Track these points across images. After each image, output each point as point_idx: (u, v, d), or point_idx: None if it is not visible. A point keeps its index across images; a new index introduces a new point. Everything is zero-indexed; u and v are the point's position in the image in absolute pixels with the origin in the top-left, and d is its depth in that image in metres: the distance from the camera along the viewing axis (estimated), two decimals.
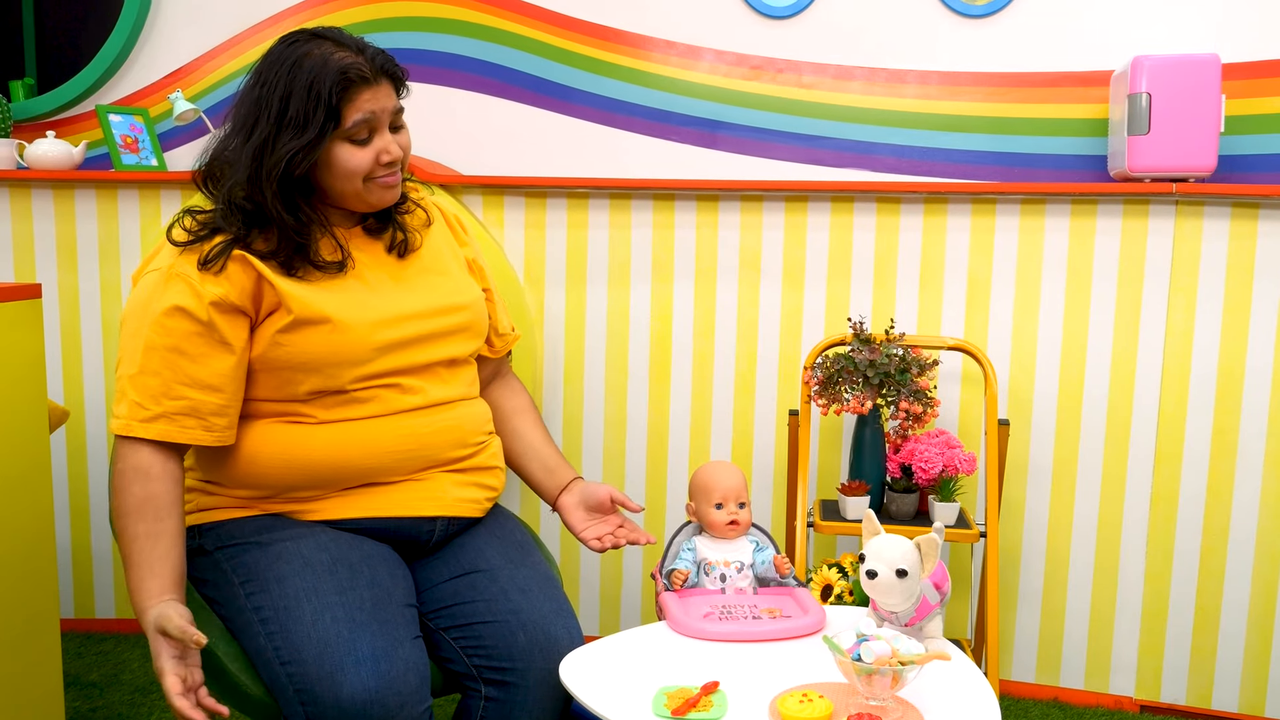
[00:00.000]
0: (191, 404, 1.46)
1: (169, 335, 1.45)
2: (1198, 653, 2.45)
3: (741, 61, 2.59)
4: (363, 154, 1.50)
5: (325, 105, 1.44)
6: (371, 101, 1.49)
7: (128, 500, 1.45)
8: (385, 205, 1.58)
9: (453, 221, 1.78)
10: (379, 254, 1.62)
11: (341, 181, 1.51)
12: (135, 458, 1.46)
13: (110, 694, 2.47)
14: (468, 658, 1.54)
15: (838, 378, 2.26)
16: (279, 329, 1.48)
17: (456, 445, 1.63)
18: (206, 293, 1.45)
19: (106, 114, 2.67)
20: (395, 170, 1.55)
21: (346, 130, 1.47)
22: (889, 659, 1.30)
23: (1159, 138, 2.23)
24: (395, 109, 1.54)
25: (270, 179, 1.46)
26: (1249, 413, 2.36)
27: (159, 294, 1.46)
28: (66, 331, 2.75)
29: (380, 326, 1.54)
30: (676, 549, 1.77)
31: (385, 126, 1.52)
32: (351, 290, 1.55)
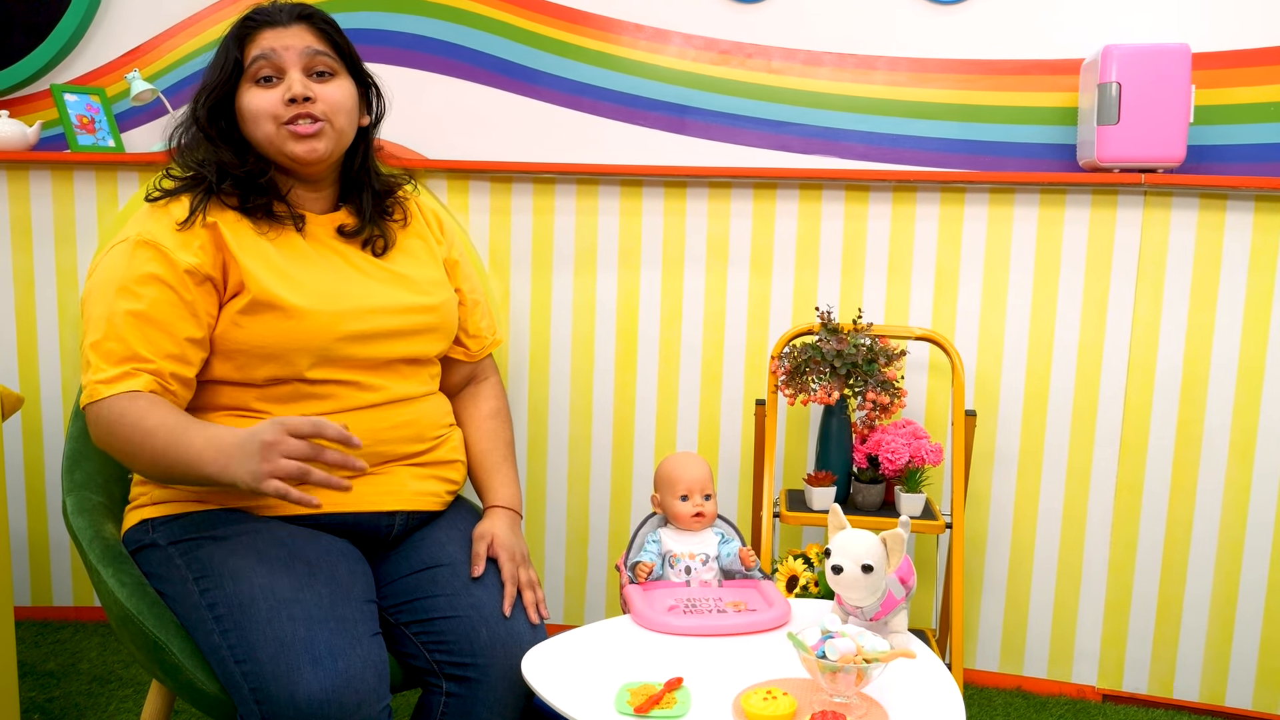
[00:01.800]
0: (155, 367, 1.44)
1: (137, 301, 1.44)
2: (1160, 642, 2.47)
3: (710, 46, 2.56)
4: (267, 94, 1.51)
5: (229, 47, 1.52)
6: (273, 39, 1.52)
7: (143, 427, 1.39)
8: (302, 159, 1.53)
9: (430, 220, 1.76)
10: (351, 249, 1.61)
11: (254, 126, 1.52)
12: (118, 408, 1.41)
13: (67, 683, 2.43)
14: (429, 653, 1.52)
15: (805, 368, 2.25)
16: (239, 309, 1.47)
17: (413, 440, 1.61)
18: (180, 261, 1.45)
19: (62, 93, 2.61)
20: (307, 116, 1.52)
21: (249, 70, 1.51)
22: (854, 656, 1.29)
23: (1128, 128, 2.23)
24: (306, 49, 1.53)
25: (203, 123, 1.53)
26: (1214, 404, 2.37)
27: (127, 262, 1.46)
28: (21, 316, 2.70)
29: (343, 317, 1.52)
30: (641, 541, 1.75)
31: (296, 66, 1.52)
32: (317, 279, 1.53)
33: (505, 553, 1.60)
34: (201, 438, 1.38)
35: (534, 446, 2.68)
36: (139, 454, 1.41)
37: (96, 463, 1.68)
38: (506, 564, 1.59)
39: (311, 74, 1.53)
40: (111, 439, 1.43)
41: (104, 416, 1.42)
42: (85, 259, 2.66)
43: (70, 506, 1.60)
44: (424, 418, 1.63)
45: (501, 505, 1.70)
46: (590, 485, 2.68)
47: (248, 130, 1.53)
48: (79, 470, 1.65)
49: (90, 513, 1.60)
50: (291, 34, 1.53)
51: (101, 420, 1.43)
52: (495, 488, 1.73)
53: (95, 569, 1.50)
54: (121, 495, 1.69)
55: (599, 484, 2.68)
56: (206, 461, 1.36)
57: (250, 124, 1.53)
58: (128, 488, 1.66)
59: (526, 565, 1.62)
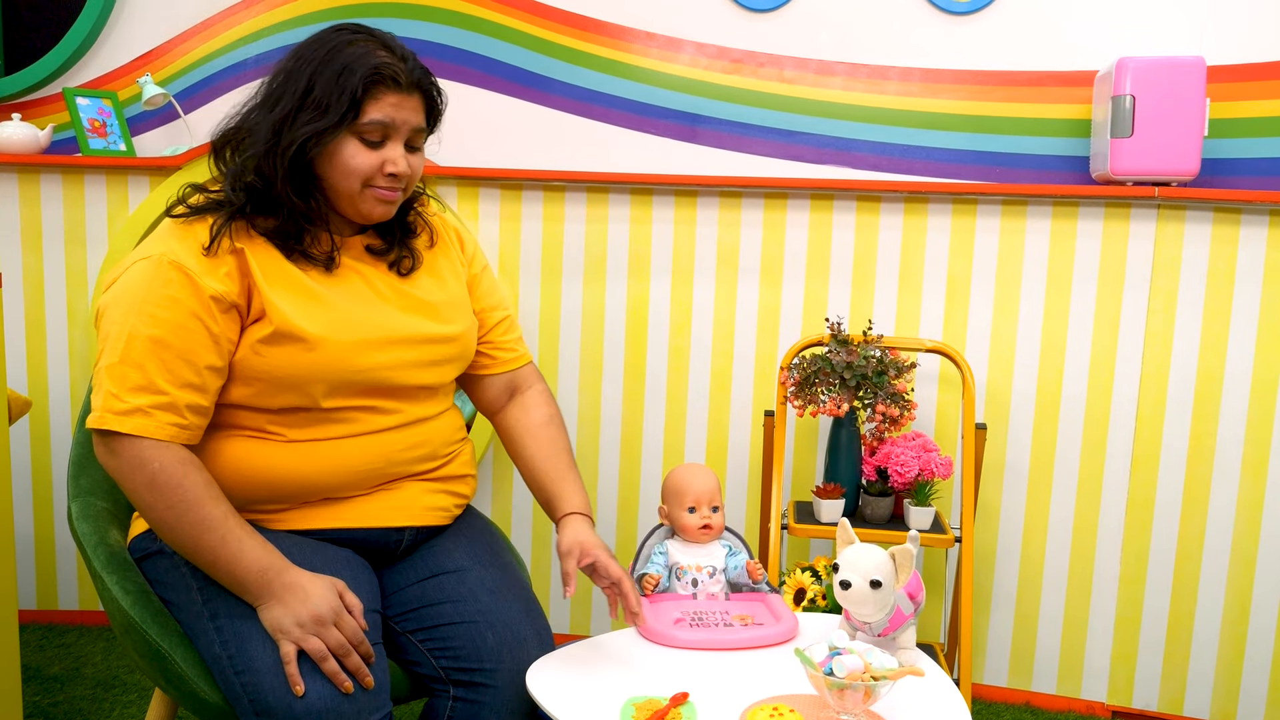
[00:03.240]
0: (170, 399, 1.38)
1: (157, 326, 1.38)
2: (1171, 658, 2.45)
3: (722, 54, 2.55)
4: (369, 156, 1.45)
5: (350, 94, 1.41)
6: (395, 108, 1.45)
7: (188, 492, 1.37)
8: (375, 219, 1.52)
9: (452, 238, 1.71)
10: (378, 270, 1.57)
11: (341, 178, 1.46)
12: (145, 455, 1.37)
13: (71, 688, 2.43)
14: (435, 660, 1.51)
15: (814, 379, 2.24)
16: (260, 338, 1.43)
17: (426, 459, 1.60)
18: (206, 287, 1.39)
19: (74, 97, 2.61)
20: (397, 187, 1.49)
21: (361, 126, 1.43)
22: (861, 674, 1.28)
23: (1142, 140, 2.21)
24: (417, 126, 1.49)
25: (284, 156, 1.42)
26: (1226, 419, 2.35)
27: (149, 283, 1.39)
28: (31, 319, 2.70)
29: (362, 349, 1.49)
30: (648, 553, 1.74)
31: (401, 139, 1.47)
32: (340, 308, 1.49)
33: (604, 553, 1.52)
34: (253, 560, 1.38)
35: None
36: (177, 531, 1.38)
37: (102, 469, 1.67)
38: (611, 565, 1.51)
39: (408, 146, 1.50)
40: (146, 493, 1.38)
41: (121, 453, 1.38)
42: (95, 263, 2.67)
43: (75, 512, 1.59)
44: (437, 436, 1.61)
45: (576, 512, 1.61)
46: (598, 495, 2.67)
47: (329, 174, 1.46)
48: (84, 476, 1.65)
49: (95, 519, 1.59)
50: (410, 106, 1.46)
51: (117, 455, 1.38)
52: (566, 495, 1.63)
53: (99, 576, 1.49)
54: (126, 501, 1.68)
55: (606, 494, 2.67)
56: (251, 585, 1.38)
57: (337, 174, 1.45)
58: None
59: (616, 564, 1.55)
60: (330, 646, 1.35)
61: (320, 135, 1.42)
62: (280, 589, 1.37)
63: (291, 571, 1.39)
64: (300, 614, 1.35)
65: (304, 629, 1.34)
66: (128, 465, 1.38)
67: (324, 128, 1.41)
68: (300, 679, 1.32)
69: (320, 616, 1.35)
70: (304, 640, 1.34)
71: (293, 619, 1.35)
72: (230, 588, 1.40)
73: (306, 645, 1.33)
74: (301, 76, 1.43)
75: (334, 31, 1.47)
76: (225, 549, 1.37)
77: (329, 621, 1.35)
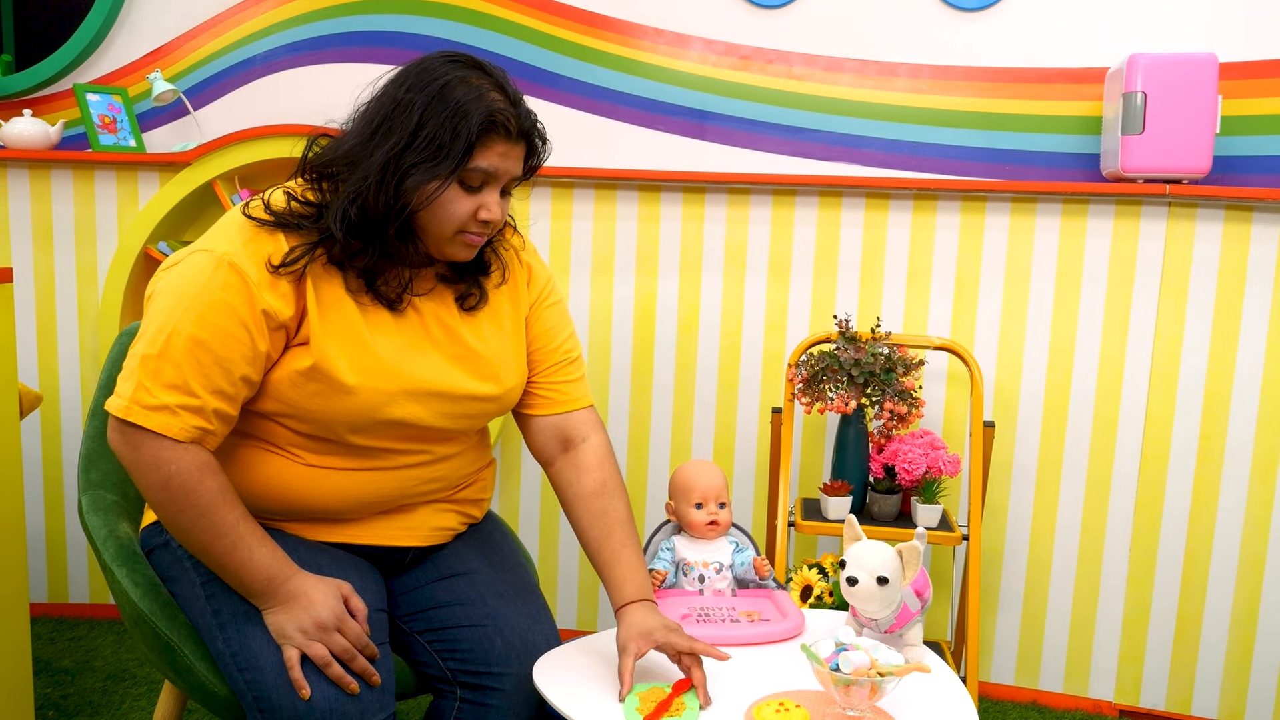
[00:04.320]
0: (200, 404, 1.33)
1: (203, 328, 1.32)
2: (1178, 658, 2.44)
3: (731, 51, 2.55)
4: (467, 202, 1.37)
5: (464, 141, 1.33)
6: (503, 158, 1.38)
7: (202, 497, 1.34)
8: (458, 260, 1.45)
9: (520, 278, 1.61)
10: (444, 300, 1.50)
11: (437, 223, 1.38)
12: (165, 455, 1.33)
13: (81, 680, 2.44)
14: (443, 662, 1.51)
15: (822, 376, 2.24)
16: (298, 369, 1.38)
17: (443, 489, 1.58)
18: (260, 299, 1.33)
19: (84, 93, 2.62)
20: (484, 233, 1.42)
21: (466, 172, 1.35)
22: (867, 670, 1.27)
23: (1153, 138, 2.20)
24: (515, 176, 1.42)
25: (396, 199, 1.34)
26: (1236, 418, 2.34)
27: (206, 281, 1.33)
28: (42, 314, 2.71)
29: (396, 399, 1.43)
30: (655, 549, 1.74)
31: (499, 185, 1.41)
32: (381, 356, 1.42)
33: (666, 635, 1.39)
34: (261, 567, 1.36)
35: None
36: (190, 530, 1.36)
37: (113, 462, 1.68)
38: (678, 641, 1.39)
39: (501, 192, 1.43)
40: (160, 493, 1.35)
41: (140, 448, 1.34)
42: (105, 258, 2.67)
43: (86, 506, 1.60)
44: (457, 471, 1.59)
45: (633, 601, 1.47)
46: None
47: (423, 216, 1.37)
48: (95, 469, 1.65)
49: (105, 512, 1.59)
50: (515, 155, 1.39)
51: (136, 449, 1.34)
52: (619, 582, 1.49)
53: (109, 569, 1.50)
54: (137, 495, 1.68)
55: None
56: (258, 591, 1.37)
57: (434, 217, 1.37)
58: None
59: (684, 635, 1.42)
60: (335, 651, 1.34)
61: (441, 182, 1.34)
62: (285, 596, 1.36)
63: (297, 578, 1.38)
64: (303, 620, 1.34)
65: (307, 635, 1.34)
66: (145, 461, 1.34)
67: (437, 174, 1.33)
68: (305, 683, 1.32)
69: (323, 622, 1.35)
70: (307, 646, 1.34)
71: (295, 625, 1.35)
72: (236, 590, 1.39)
73: (310, 651, 1.33)
74: (413, 111, 1.33)
75: (447, 62, 1.38)
76: (234, 555, 1.36)
77: (332, 627, 1.35)
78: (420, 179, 1.33)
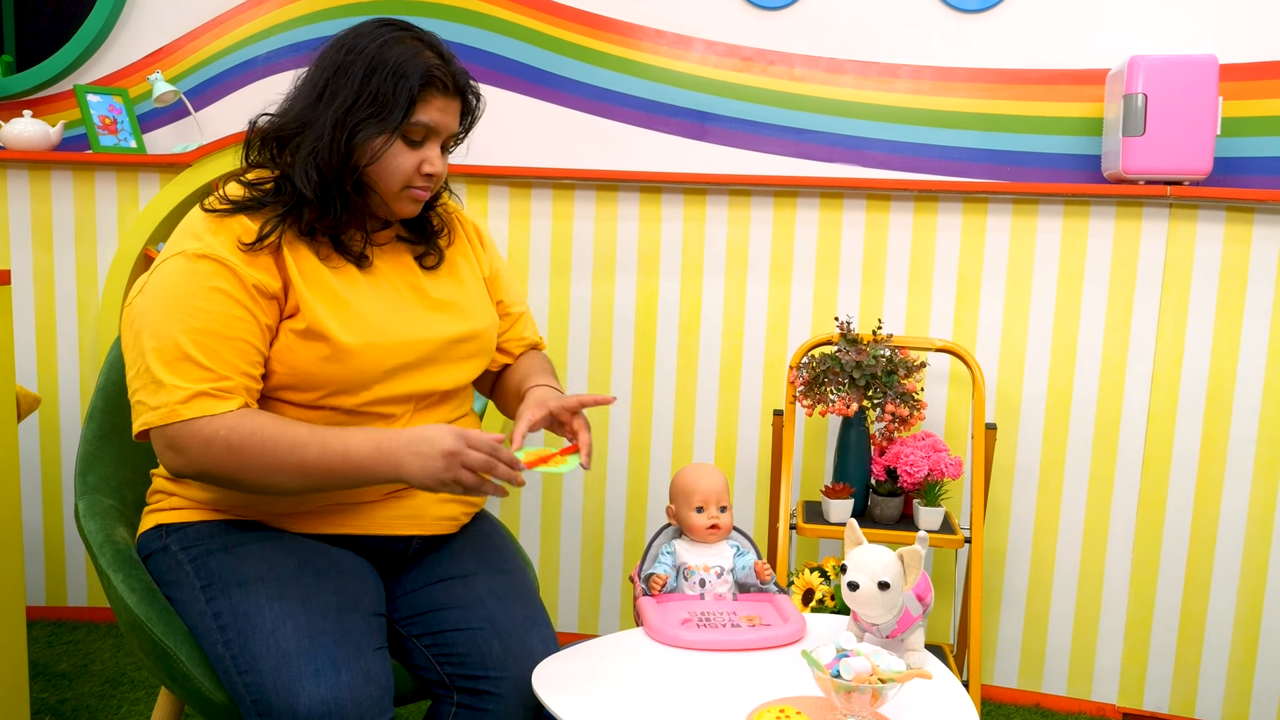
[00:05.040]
0: (233, 384, 1.38)
1: (207, 320, 1.37)
2: (1182, 660, 2.43)
3: (733, 52, 2.54)
4: (411, 157, 1.46)
5: (406, 95, 1.41)
6: (443, 112, 1.47)
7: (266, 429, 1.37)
8: (404, 217, 1.53)
9: (471, 234, 1.72)
10: (405, 263, 1.58)
11: (384, 177, 1.46)
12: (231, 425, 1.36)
13: (79, 685, 2.43)
14: (440, 665, 1.50)
15: (823, 378, 2.23)
16: (294, 330, 1.43)
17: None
18: (247, 276, 1.39)
19: (85, 94, 2.62)
20: (428, 188, 1.50)
21: (409, 127, 1.44)
22: (869, 676, 1.27)
23: (1154, 139, 2.20)
24: (453, 132, 1.51)
25: (349, 154, 1.42)
26: (1239, 419, 2.34)
27: (189, 279, 1.38)
28: (41, 316, 2.70)
29: (388, 352, 1.48)
30: (655, 552, 1.73)
31: (439, 141, 1.49)
32: (365, 312, 1.48)
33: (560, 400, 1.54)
34: (362, 442, 1.38)
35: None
36: (280, 469, 1.37)
37: (110, 466, 1.67)
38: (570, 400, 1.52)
39: (441, 147, 1.52)
40: (230, 459, 1.36)
41: (188, 444, 1.36)
42: (105, 260, 2.67)
43: (82, 510, 1.59)
44: None
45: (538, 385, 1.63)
46: (606, 494, 2.66)
47: (370, 172, 1.45)
48: (92, 473, 1.65)
49: (102, 516, 1.59)
50: (453, 110, 1.49)
51: (184, 449, 1.37)
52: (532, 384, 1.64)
53: (105, 574, 1.49)
54: (135, 499, 1.68)
55: (615, 493, 2.66)
56: (375, 465, 1.37)
57: (381, 172, 1.45)
58: (141, 491, 1.66)
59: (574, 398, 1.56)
60: (475, 467, 1.36)
61: (389, 135, 1.42)
62: (403, 449, 1.37)
63: (404, 432, 1.39)
64: (433, 461, 1.35)
65: (448, 471, 1.35)
66: (198, 449, 1.36)
67: (384, 128, 1.42)
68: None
69: (450, 450, 1.35)
70: (454, 481, 1.35)
71: (429, 472, 1.36)
72: (367, 483, 1.40)
73: (463, 482, 1.35)
74: (355, 71, 1.42)
75: (380, 26, 1.46)
76: (331, 451, 1.37)
77: (463, 449, 1.35)
78: (368, 134, 1.42)
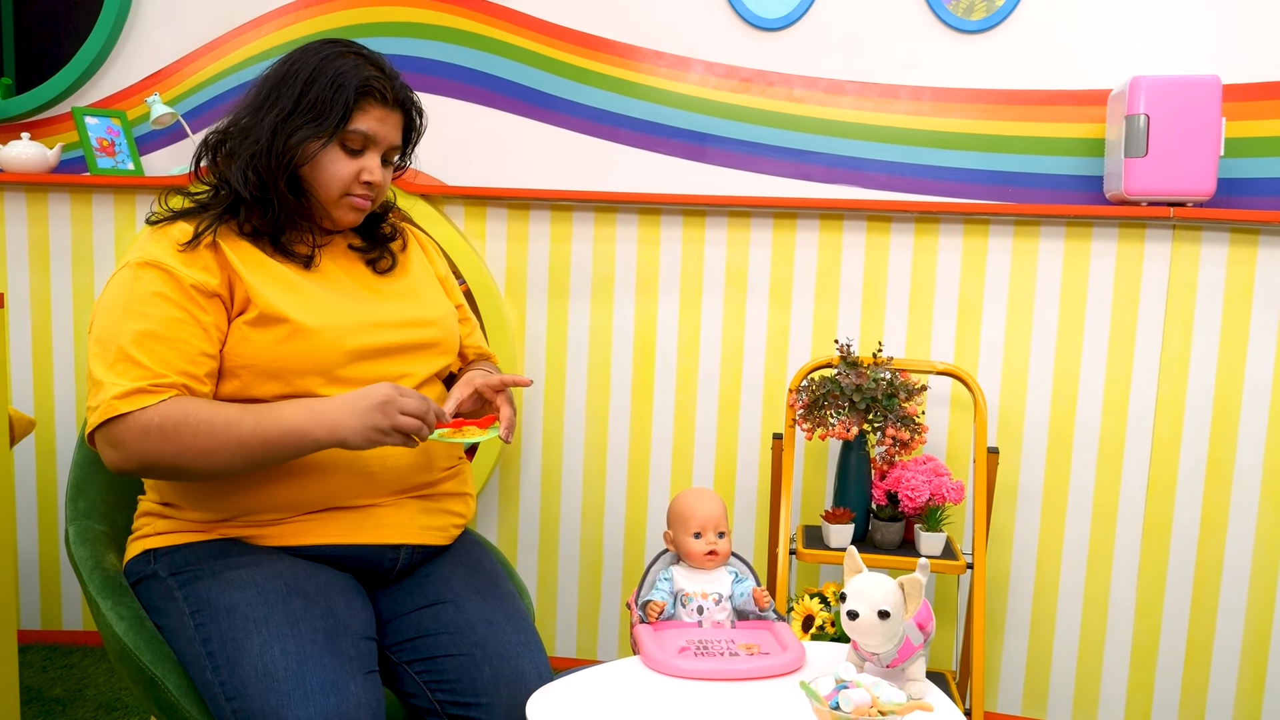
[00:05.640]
0: (171, 380, 1.40)
1: (146, 322, 1.41)
2: (1189, 687, 2.40)
3: (731, 73, 2.53)
4: (349, 165, 1.51)
5: (343, 103, 1.48)
6: (380, 123, 1.53)
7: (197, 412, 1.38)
8: (344, 226, 1.58)
9: (425, 242, 1.78)
10: (356, 266, 1.62)
11: (322, 184, 1.51)
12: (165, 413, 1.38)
13: (73, 710, 2.41)
14: (431, 692, 1.48)
15: (823, 401, 2.21)
16: (247, 321, 1.46)
17: (423, 470, 1.58)
18: (186, 276, 1.42)
19: (83, 116, 2.61)
20: (369, 197, 1.55)
21: (347, 134, 1.50)
22: (868, 708, 1.24)
23: (1157, 160, 2.18)
24: (394, 144, 1.57)
25: (282, 155, 1.47)
26: (1245, 442, 2.31)
27: (130, 287, 1.43)
28: (37, 339, 2.69)
29: (349, 332, 1.51)
30: (653, 579, 1.71)
31: (379, 151, 1.55)
32: (320, 296, 1.52)
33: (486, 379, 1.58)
34: (295, 407, 1.40)
35: (548, 477, 2.65)
36: (217, 450, 1.38)
37: (101, 491, 1.66)
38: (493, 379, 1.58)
39: (383, 160, 1.57)
40: (167, 445, 1.37)
41: (125, 438, 1.38)
42: (102, 283, 2.66)
43: (72, 536, 1.57)
44: (434, 446, 1.60)
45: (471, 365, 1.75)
46: (605, 518, 2.64)
47: (311, 179, 1.51)
48: (82, 499, 1.63)
49: (93, 542, 1.57)
50: (392, 122, 1.55)
51: (122, 444, 1.38)
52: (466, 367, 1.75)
53: (95, 600, 1.47)
54: (125, 524, 1.66)
55: (613, 517, 2.64)
56: (310, 427, 1.39)
57: (319, 179, 1.51)
58: (131, 517, 1.64)
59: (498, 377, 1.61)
60: (410, 413, 1.39)
61: (324, 140, 1.48)
62: (338, 407, 1.40)
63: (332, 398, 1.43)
64: (371, 414, 1.38)
65: (387, 419, 1.38)
66: (134, 441, 1.38)
67: (319, 132, 1.48)
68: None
69: (387, 398, 1.39)
70: (393, 429, 1.38)
71: (368, 424, 1.38)
72: (306, 450, 1.41)
73: (402, 428, 1.38)
74: (297, 81, 1.49)
75: (326, 44, 1.53)
76: (265, 425, 1.39)
77: (397, 396, 1.39)
78: (304, 136, 1.48)
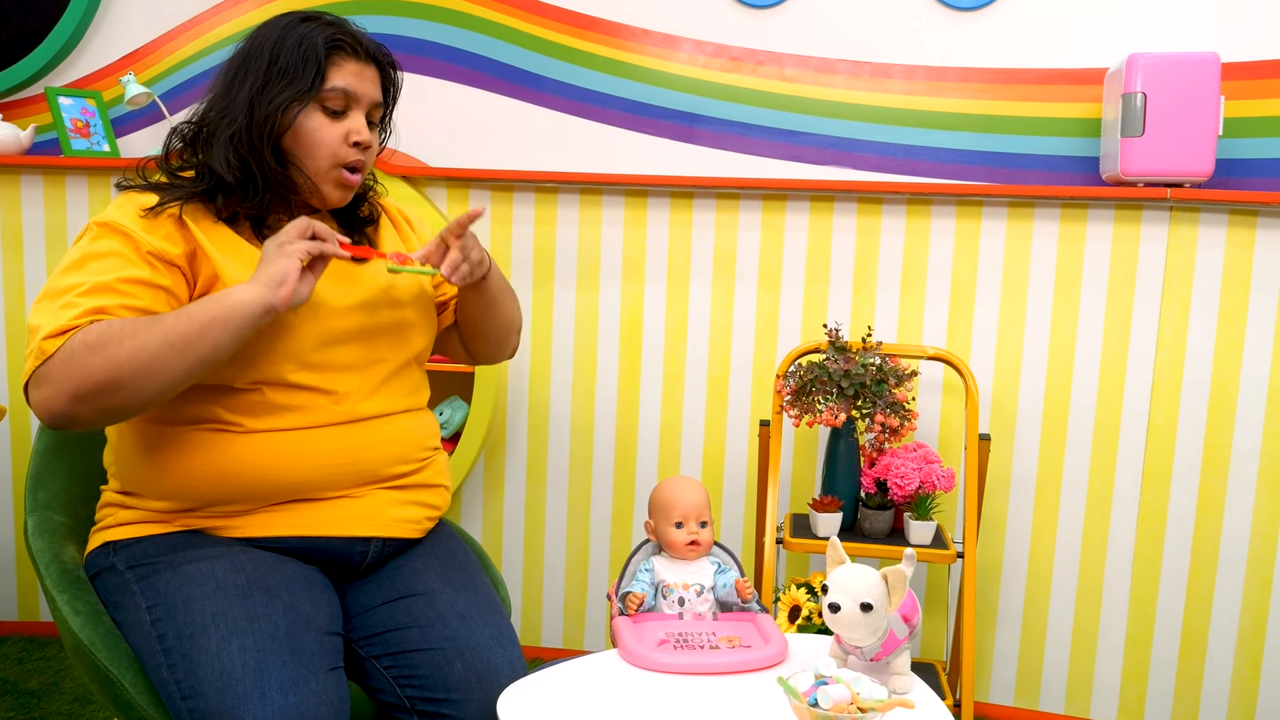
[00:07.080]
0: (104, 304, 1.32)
1: (99, 275, 1.33)
2: (1183, 676, 2.36)
3: (721, 52, 2.48)
4: (335, 128, 1.46)
5: (314, 60, 1.43)
6: (357, 77, 1.47)
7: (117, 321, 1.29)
8: (332, 204, 1.52)
9: (399, 220, 1.71)
10: None
11: (309, 155, 1.45)
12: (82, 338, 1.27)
13: (49, 703, 2.37)
14: (400, 688, 1.43)
15: (811, 387, 2.16)
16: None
17: (396, 461, 1.53)
18: (144, 242, 1.37)
19: (56, 97, 2.55)
20: (360, 163, 1.49)
21: (325, 94, 1.44)
22: (848, 705, 1.20)
23: (1154, 140, 2.13)
24: (376, 100, 1.50)
25: (265, 126, 1.42)
26: (1242, 428, 2.27)
27: (89, 246, 1.37)
28: (11, 323, 2.64)
29: (321, 316, 1.45)
30: (634, 570, 1.67)
31: (363, 110, 1.49)
32: None
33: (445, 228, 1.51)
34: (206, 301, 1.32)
35: (533, 465, 2.60)
36: (145, 345, 1.27)
37: (62, 481, 1.61)
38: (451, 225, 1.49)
39: (367, 121, 1.51)
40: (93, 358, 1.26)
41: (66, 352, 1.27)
42: None
43: (31, 527, 1.52)
44: (407, 436, 1.55)
45: None
46: (591, 506, 2.60)
47: (296, 153, 1.45)
48: (43, 489, 1.58)
49: (51, 534, 1.52)
50: (369, 76, 1.49)
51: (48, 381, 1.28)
52: None
53: (51, 595, 1.42)
54: (88, 515, 1.61)
55: (600, 505, 2.60)
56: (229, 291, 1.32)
57: (305, 150, 1.45)
58: (93, 508, 1.59)
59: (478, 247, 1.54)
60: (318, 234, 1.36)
61: (301, 100, 1.42)
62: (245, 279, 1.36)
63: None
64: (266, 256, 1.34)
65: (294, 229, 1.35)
66: (60, 370, 1.27)
67: (296, 95, 1.42)
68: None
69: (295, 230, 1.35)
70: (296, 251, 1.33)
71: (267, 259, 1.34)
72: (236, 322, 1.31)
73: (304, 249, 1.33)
74: (263, 54, 1.44)
75: (284, 15, 1.49)
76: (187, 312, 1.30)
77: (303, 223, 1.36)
78: (282, 101, 1.42)
